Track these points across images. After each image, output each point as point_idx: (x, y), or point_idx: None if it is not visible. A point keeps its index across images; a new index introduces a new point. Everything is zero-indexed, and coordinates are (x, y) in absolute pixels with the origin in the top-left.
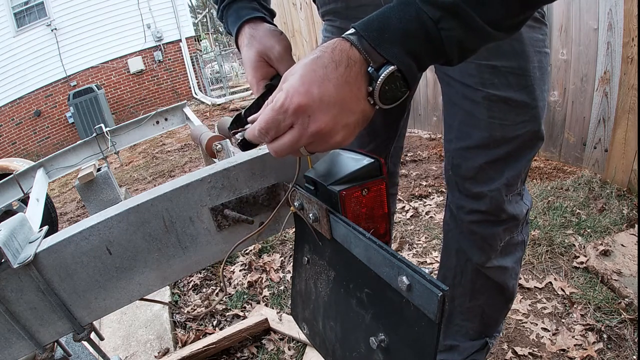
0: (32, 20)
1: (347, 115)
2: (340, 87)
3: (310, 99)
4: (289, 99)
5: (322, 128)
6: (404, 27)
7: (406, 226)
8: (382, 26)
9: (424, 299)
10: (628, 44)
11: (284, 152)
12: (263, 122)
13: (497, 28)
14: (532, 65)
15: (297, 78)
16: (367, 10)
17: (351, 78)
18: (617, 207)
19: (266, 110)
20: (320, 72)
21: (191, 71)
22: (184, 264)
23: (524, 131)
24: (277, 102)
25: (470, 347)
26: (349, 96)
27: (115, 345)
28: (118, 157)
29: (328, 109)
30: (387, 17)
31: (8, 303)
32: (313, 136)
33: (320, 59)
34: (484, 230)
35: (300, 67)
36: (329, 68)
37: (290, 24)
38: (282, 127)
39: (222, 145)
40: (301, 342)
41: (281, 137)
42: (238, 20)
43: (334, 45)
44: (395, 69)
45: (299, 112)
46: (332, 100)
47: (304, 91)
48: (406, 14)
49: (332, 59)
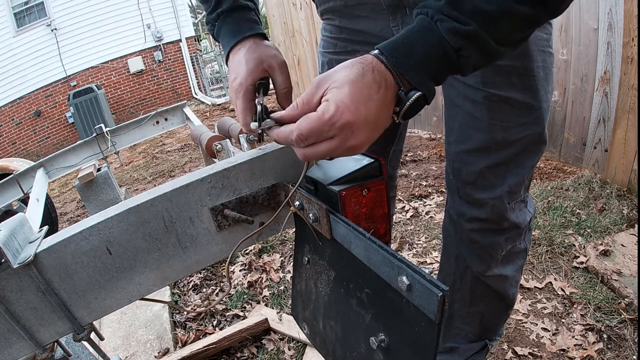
0: (32, 20)
1: (377, 131)
2: (379, 108)
3: (358, 117)
4: (339, 113)
5: (358, 143)
6: (427, 54)
7: (406, 226)
8: (408, 51)
9: (424, 299)
10: (628, 44)
11: (315, 158)
12: (306, 129)
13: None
14: (536, 64)
15: (346, 94)
16: (365, 8)
17: (387, 100)
18: (617, 207)
19: (311, 119)
20: (366, 92)
21: (191, 71)
22: (184, 264)
23: (526, 134)
24: (327, 113)
25: (469, 348)
26: (383, 115)
27: (115, 345)
28: (118, 157)
29: (368, 127)
30: (412, 42)
31: (8, 303)
32: (348, 149)
33: (365, 77)
34: (484, 239)
35: (347, 82)
36: (373, 89)
37: (290, 24)
38: (322, 137)
39: (222, 145)
40: (301, 342)
41: (318, 144)
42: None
43: (373, 65)
44: (421, 94)
45: (345, 128)
46: (372, 120)
47: (355, 109)
48: (430, 40)
49: (375, 80)
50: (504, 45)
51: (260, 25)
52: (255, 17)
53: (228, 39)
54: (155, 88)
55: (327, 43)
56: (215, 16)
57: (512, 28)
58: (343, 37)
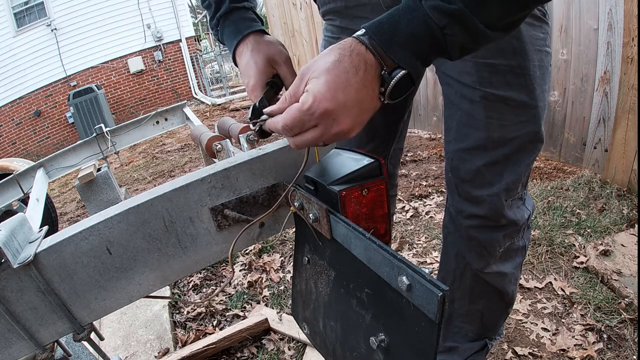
0: (32, 20)
1: (364, 114)
2: (360, 91)
3: (336, 104)
4: (317, 103)
5: (343, 128)
6: (412, 32)
7: (406, 226)
8: (392, 30)
9: (424, 299)
10: (628, 44)
11: (304, 146)
12: (289, 120)
13: (495, 29)
14: (532, 64)
15: (323, 83)
16: (365, 9)
17: (368, 81)
18: (617, 207)
19: (292, 110)
20: (343, 77)
21: (191, 71)
22: (184, 264)
23: (523, 132)
24: (305, 104)
25: (469, 348)
26: (366, 98)
27: (115, 345)
28: (118, 157)
29: (350, 111)
30: (396, 21)
31: (8, 303)
32: (334, 135)
33: (341, 63)
34: (482, 236)
35: (324, 71)
36: (350, 73)
37: (290, 24)
38: (306, 126)
39: (222, 145)
40: (301, 342)
41: (304, 133)
42: (239, 32)
43: (351, 48)
44: (406, 72)
45: (324, 116)
46: (354, 104)
47: (331, 97)
48: (414, 19)
49: (352, 64)
50: (493, 29)
51: (259, 21)
52: (252, 15)
53: (230, 40)
54: (155, 88)
55: (328, 43)
56: (216, 22)
57: (501, 10)
58: (344, 38)
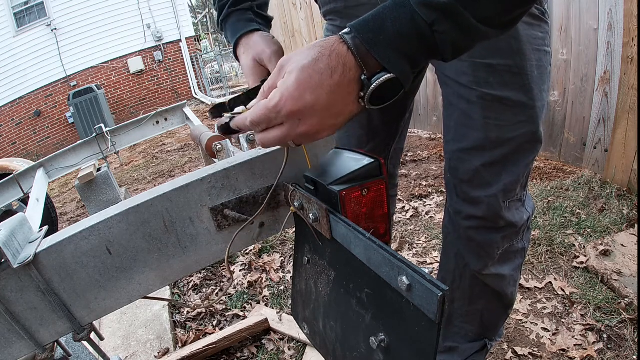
0: (32, 20)
1: (335, 118)
2: (332, 94)
3: (303, 105)
4: (283, 101)
5: (310, 130)
6: (398, 29)
7: (406, 226)
8: (377, 27)
9: (424, 299)
10: (628, 44)
11: (271, 145)
12: (256, 116)
13: (490, 25)
14: (530, 63)
15: (293, 81)
16: (365, 9)
17: (344, 85)
18: (617, 207)
19: (260, 106)
20: (316, 78)
21: (191, 71)
22: (184, 264)
23: (520, 132)
24: (272, 101)
25: (469, 348)
26: (339, 102)
27: (115, 345)
28: (118, 157)
29: (318, 114)
30: (382, 19)
31: (8, 303)
32: (300, 136)
33: (317, 63)
34: (481, 237)
35: (298, 68)
36: (325, 75)
37: (290, 24)
38: (272, 124)
39: (222, 145)
40: (301, 342)
41: (270, 130)
42: (235, 34)
43: (332, 48)
44: (390, 76)
45: (290, 115)
46: (323, 107)
47: (298, 97)
48: (401, 16)
49: (329, 66)
50: (487, 25)
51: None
52: (250, 15)
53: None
54: (155, 88)
55: None
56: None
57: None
58: None
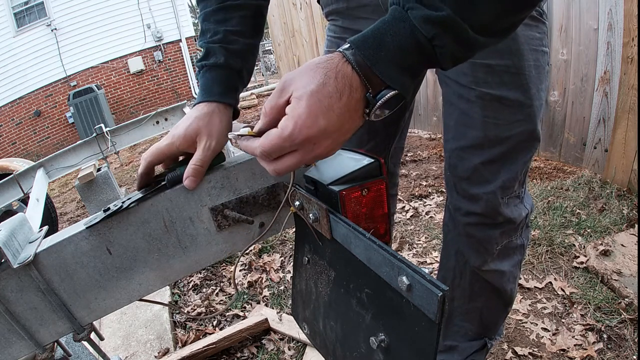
0: (32, 20)
1: (345, 135)
2: (342, 115)
3: (317, 130)
4: (298, 130)
5: (323, 151)
6: (398, 45)
7: (406, 226)
8: (377, 44)
9: (424, 299)
10: (628, 44)
11: (285, 172)
12: (267, 146)
13: (490, 34)
14: (528, 63)
15: (304, 108)
16: (366, 10)
17: (352, 105)
18: (617, 207)
19: (272, 136)
20: (325, 102)
21: (191, 71)
22: (184, 264)
23: (518, 131)
24: (285, 130)
25: (469, 347)
26: (348, 120)
27: (115, 345)
28: (118, 157)
29: (330, 136)
30: (382, 34)
31: (8, 303)
32: (314, 158)
33: (325, 86)
34: (480, 233)
35: (307, 94)
36: (334, 98)
37: (290, 24)
38: (285, 152)
39: None
40: (301, 342)
41: (283, 158)
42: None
43: (337, 69)
44: (395, 93)
45: (305, 142)
46: (335, 129)
47: (311, 124)
48: (400, 31)
49: (337, 89)
50: (485, 35)
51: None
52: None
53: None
54: (155, 88)
55: (331, 43)
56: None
57: (493, 14)
58: (346, 38)
